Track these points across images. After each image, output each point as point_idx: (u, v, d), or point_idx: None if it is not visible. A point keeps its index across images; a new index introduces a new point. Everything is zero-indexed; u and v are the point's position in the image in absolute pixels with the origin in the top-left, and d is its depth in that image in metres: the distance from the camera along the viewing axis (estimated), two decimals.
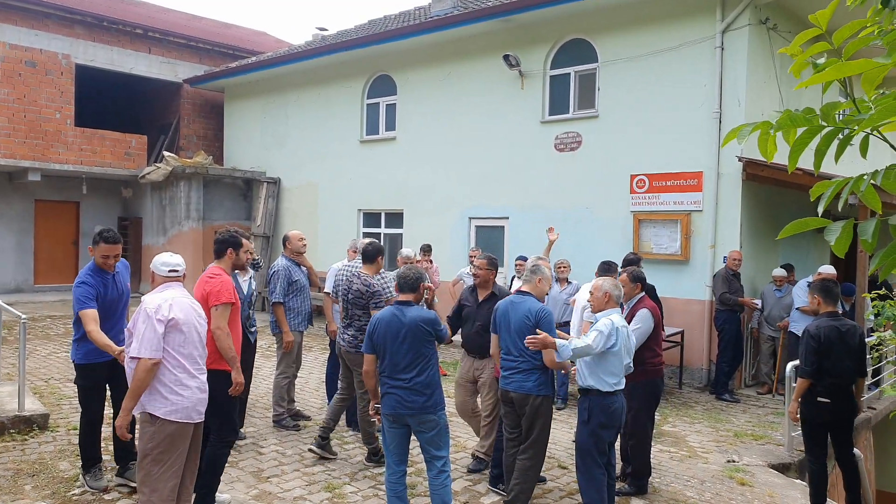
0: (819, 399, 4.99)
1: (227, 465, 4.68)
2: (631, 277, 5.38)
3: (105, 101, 18.03)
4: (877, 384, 8.30)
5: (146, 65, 16.43)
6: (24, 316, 6.03)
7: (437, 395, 4.23)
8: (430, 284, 4.63)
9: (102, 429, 5.01)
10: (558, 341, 4.35)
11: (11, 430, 5.82)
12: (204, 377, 3.90)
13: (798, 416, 5.12)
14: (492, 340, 4.89)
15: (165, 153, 15.39)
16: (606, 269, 6.31)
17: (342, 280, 5.87)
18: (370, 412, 4.54)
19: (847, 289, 9.14)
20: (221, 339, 4.38)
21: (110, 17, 15.68)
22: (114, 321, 4.83)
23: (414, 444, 4.54)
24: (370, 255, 5.63)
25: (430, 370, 4.24)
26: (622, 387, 4.49)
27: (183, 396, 3.71)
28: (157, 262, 3.97)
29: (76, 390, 4.97)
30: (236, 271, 5.50)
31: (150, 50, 16.45)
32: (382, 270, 5.76)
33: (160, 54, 16.63)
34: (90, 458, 4.89)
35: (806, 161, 2.03)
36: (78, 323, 4.66)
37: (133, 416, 3.98)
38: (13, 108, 14.29)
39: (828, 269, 8.06)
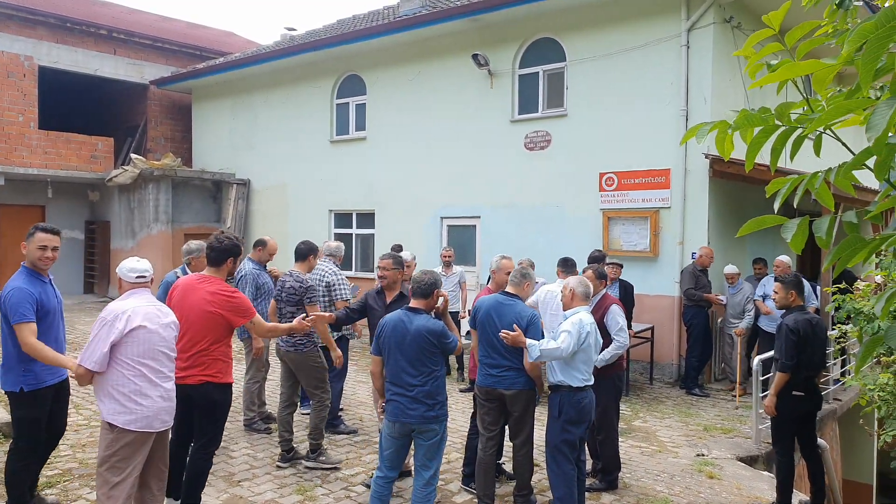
0: (794, 392, 5.04)
1: None
2: (596, 275, 5.43)
3: (70, 104, 17.67)
4: (842, 376, 8.49)
5: (112, 66, 16.13)
6: None
7: (440, 405, 4.17)
8: (444, 293, 4.51)
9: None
10: (528, 341, 4.37)
11: None
12: (169, 385, 3.81)
13: (775, 410, 5.13)
14: (472, 337, 4.87)
15: (133, 155, 15.13)
16: (567, 265, 6.36)
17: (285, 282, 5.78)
18: (377, 410, 4.45)
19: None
20: (279, 332, 4.95)
21: (74, 18, 15.36)
22: (53, 334, 4.26)
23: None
24: (302, 253, 5.71)
25: (435, 380, 4.15)
26: (591, 382, 4.54)
27: (143, 406, 3.64)
28: (124, 269, 3.87)
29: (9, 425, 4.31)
30: None
31: (115, 51, 16.16)
32: (331, 268, 6.05)
33: (126, 55, 16.34)
34: (21, 501, 4.29)
35: (769, 157, 2.07)
36: (13, 341, 4.09)
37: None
38: None
39: (783, 259, 8.12)
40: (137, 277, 3.83)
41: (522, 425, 4.70)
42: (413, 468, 4.33)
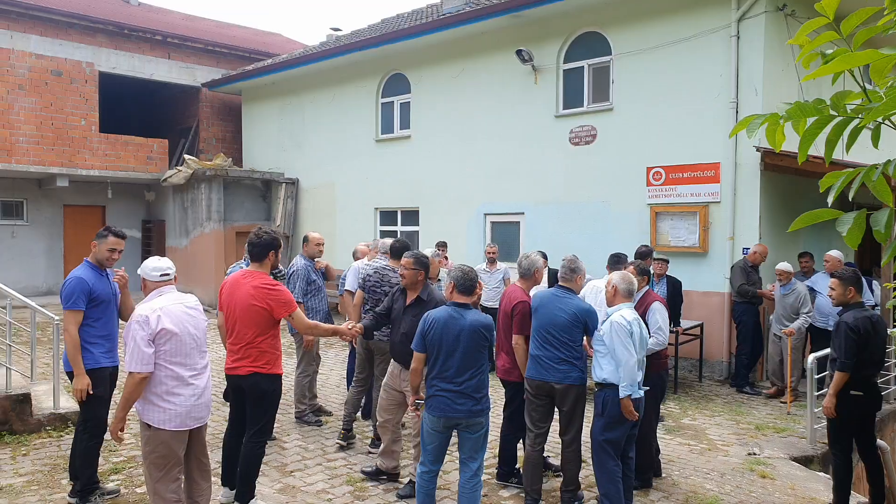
0: (852, 392, 4.87)
1: None
2: (638, 271, 5.35)
3: (127, 107, 18.32)
4: None
5: (166, 70, 16.66)
6: (56, 317, 6.19)
7: (485, 398, 4.22)
8: (479, 285, 4.64)
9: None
10: (621, 388, 4.34)
11: (48, 427, 6.06)
12: (201, 381, 3.86)
13: (834, 410, 4.91)
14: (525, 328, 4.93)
15: (186, 156, 15.60)
16: (616, 261, 6.29)
17: (370, 276, 5.93)
18: (410, 408, 4.52)
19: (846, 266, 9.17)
20: (319, 331, 4.98)
21: (131, 25, 15.93)
22: (108, 327, 4.73)
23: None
24: (397, 251, 5.82)
25: (482, 375, 4.21)
26: (639, 381, 4.49)
27: (175, 405, 3.74)
28: (148, 268, 3.89)
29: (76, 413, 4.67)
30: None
31: (169, 55, 16.68)
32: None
33: (179, 59, 16.85)
34: (91, 480, 4.66)
35: (823, 149, 2.03)
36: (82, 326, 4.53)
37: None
38: (41, 116, 14.59)
39: (834, 254, 7.84)
40: (161, 276, 3.87)
41: (572, 421, 4.71)
42: (458, 461, 4.37)
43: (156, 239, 16.78)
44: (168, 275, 3.90)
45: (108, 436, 4.65)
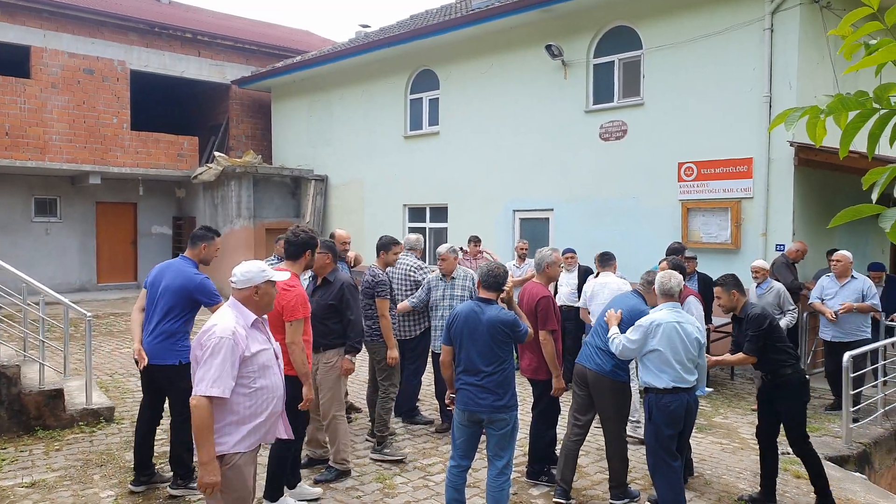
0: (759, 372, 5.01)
1: None
2: (670, 267, 5.29)
3: (158, 105, 18.63)
4: None
5: (196, 68, 16.90)
6: (89, 314, 6.33)
7: (509, 394, 4.19)
8: (510, 284, 4.53)
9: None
10: (613, 331, 4.58)
11: (80, 423, 6.15)
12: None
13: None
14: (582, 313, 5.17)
15: (216, 153, 15.83)
16: (607, 259, 6.43)
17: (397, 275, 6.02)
18: (446, 401, 4.55)
19: (875, 266, 8.77)
20: (296, 354, 4.28)
21: (161, 23, 16.19)
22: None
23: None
24: (380, 246, 5.93)
25: (504, 370, 4.19)
26: (686, 385, 4.37)
27: (260, 422, 3.29)
28: (255, 271, 3.30)
29: (182, 392, 4.42)
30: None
31: (199, 53, 16.91)
32: (415, 262, 6.30)
33: (209, 57, 17.08)
34: (190, 468, 4.83)
35: (860, 144, 1.98)
36: (179, 320, 4.68)
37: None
38: (73, 114, 14.90)
39: (845, 253, 7.33)
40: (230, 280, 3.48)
41: (606, 415, 4.75)
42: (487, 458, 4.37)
43: (187, 236, 16.98)
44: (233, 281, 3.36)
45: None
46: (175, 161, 16.28)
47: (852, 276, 7.20)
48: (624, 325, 4.64)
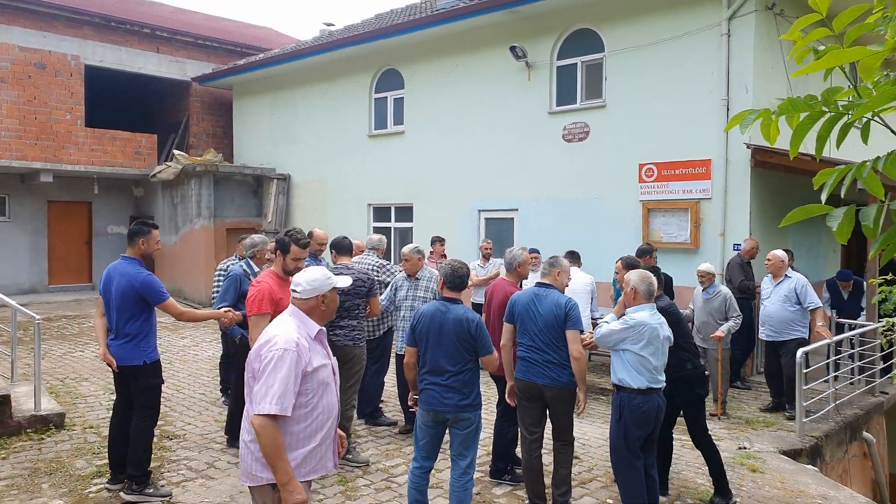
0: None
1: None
2: (624, 265, 5.33)
3: (115, 101, 18.16)
4: (888, 370, 8.26)
5: (155, 64, 16.53)
6: (38, 317, 6.13)
7: (475, 394, 4.17)
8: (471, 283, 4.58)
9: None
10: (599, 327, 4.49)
11: (28, 430, 5.92)
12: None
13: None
14: (505, 330, 4.78)
15: (175, 152, 15.51)
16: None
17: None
18: (410, 403, 4.50)
19: (843, 274, 9.08)
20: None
21: (118, 17, 15.78)
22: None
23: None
24: (347, 248, 5.88)
25: (471, 370, 4.16)
26: (659, 386, 4.37)
27: (320, 447, 3.02)
28: (321, 279, 3.03)
29: (145, 392, 4.78)
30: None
31: (158, 49, 16.55)
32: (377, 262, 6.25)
33: (168, 53, 16.73)
34: (148, 467, 4.82)
35: (814, 147, 2.04)
36: (137, 321, 4.68)
37: None
38: (24, 110, 14.44)
39: (778, 253, 7.40)
40: (291, 290, 3.06)
41: (565, 427, 4.59)
42: (450, 459, 4.36)
43: None
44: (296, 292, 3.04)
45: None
46: (132, 159, 15.91)
47: (786, 276, 7.28)
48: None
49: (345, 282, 3.15)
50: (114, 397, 5.04)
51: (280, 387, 2.73)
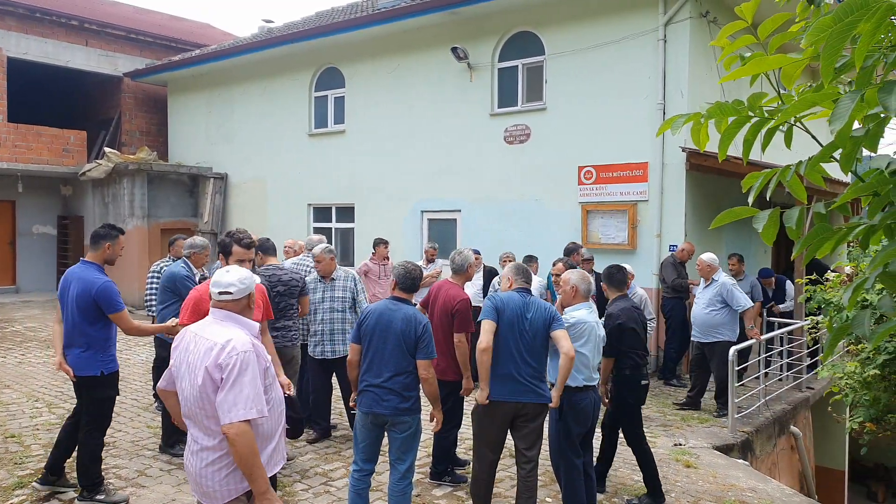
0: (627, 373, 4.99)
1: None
2: (566, 266, 5.44)
3: (41, 96, 17.34)
4: (813, 366, 8.63)
5: (84, 58, 15.84)
6: None
7: (414, 397, 4.09)
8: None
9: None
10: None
11: None
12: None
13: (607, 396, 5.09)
14: (485, 330, 4.27)
15: (107, 149, 14.89)
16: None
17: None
18: (351, 403, 4.36)
19: (764, 272, 9.46)
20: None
21: (43, 8, 15.04)
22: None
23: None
24: (272, 248, 5.77)
25: (411, 373, 4.06)
26: (593, 383, 4.41)
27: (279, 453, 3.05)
28: (249, 277, 2.98)
29: (97, 403, 4.58)
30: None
31: (87, 42, 15.86)
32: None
33: (98, 47, 16.05)
34: (99, 478, 4.65)
35: (753, 152, 2.09)
36: (94, 328, 4.48)
37: None
38: None
39: (705, 258, 7.48)
40: (220, 293, 2.90)
41: (535, 442, 4.30)
42: (389, 462, 4.29)
43: (73, 236, 15.97)
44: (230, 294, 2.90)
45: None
46: (60, 156, 15.19)
47: (713, 279, 7.36)
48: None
49: (256, 279, 3.22)
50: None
51: (251, 389, 2.66)
